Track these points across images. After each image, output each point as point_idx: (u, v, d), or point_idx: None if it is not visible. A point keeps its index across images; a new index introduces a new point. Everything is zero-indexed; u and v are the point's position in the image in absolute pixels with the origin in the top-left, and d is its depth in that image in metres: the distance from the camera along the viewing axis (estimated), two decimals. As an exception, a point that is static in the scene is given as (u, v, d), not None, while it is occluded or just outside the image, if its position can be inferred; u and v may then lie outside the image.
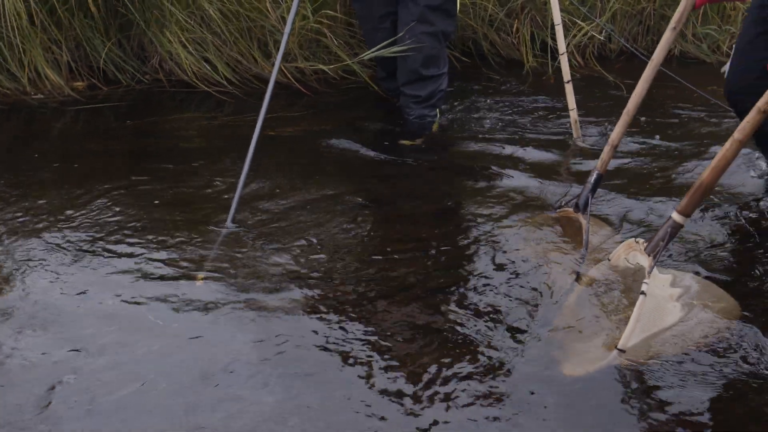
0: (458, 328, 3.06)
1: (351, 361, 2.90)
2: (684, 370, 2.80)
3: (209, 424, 2.55)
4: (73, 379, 2.80)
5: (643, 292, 2.90)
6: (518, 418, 2.61)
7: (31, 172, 4.37)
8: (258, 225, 3.78)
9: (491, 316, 3.13)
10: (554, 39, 4.74)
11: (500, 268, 3.44)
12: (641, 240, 3.21)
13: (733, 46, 3.83)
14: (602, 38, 5.66)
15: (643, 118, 4.67)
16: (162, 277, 3.34)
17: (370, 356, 2.91)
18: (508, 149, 4.53)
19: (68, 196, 4.06)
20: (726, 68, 3.78)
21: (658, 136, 4.60)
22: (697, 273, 3.34)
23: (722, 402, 2.69)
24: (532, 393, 2.71)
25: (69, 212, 3.91)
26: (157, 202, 4.01)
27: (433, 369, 2.84)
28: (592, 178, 3.67)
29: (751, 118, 2.81)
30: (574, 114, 4.59)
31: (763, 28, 3.50)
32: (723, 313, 3.07)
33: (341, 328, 3.06)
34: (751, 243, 3.63)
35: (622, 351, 2.80)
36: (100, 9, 5.28)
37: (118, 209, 3.94)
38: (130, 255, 3.51)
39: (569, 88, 4.59)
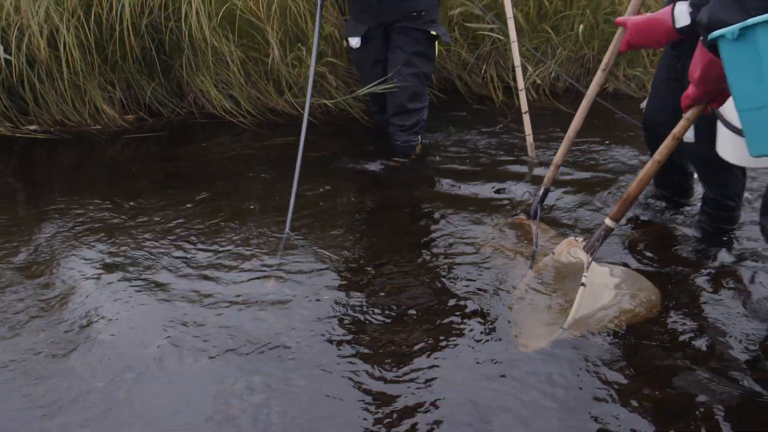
0: (435, 311, 3.09)
1: (352, 333, 2.94)
2: (615, 342, 2.84)
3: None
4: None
5: (583, 283, 2.91)
6: (485, 383, 2.64)
7: (96, 189, 4.39)
8: (305, 231, 3.81)
9: (461, 302, 3.14)
10: (515, 79, 4.74)
11: (468, 262, 3.45)
12: (580, 239, 3.22)
13: (651, 83, 3.84)
14: (552, 78, 5.67)
15: (582, 143, 4.69)
16: (241, 280, 3.34)
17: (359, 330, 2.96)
18: (476, 167, 4.53)
19: (135, 210, 4.08)
20: (644, 104, 3.80)
21: (593, 157, 4.60)
22: (626, 266, 3.36)
23: (642, 364, 2.72)
24: (496, 362, 2.74)
25: (141, 221, 3.95)
26: (222, 214, 4.01)
27: (418, 343, 2.87)
28: (541, 192, 3.68)
29: (668, 143, 2.84)
30: (530, 139, 4.60)
31: (673, 73, 3.51)
32: (646, 299, 3.09)
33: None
34: (670, 242, 3.63)
35: (567, 329, 2.84)
36: (145, 56, 5.32)
37: (182, 220, 3.96)
38: (208, 261, 3.50)
39: (526, 118, 4.61)
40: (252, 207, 4.10)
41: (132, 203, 4.14)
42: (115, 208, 4.09)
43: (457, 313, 3.07)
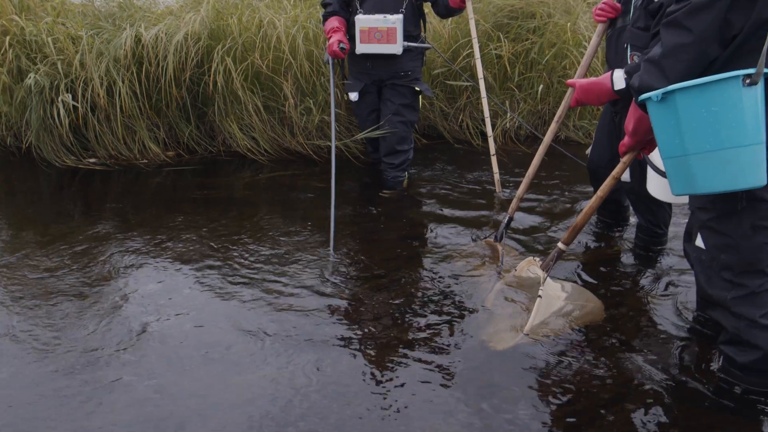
0: (419, 316, 3.09)
1: (349, 332, 2.96)
2: (566, 344, 2.84)
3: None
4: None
5: (539, 295, 2.92)
6: (459, 377, 2.65)
7: (142, 211, 4.39)
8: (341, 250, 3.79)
9: (438, 309, 3.14)
10: (485, 126, 4.76)
11: (446, 276, 3.45)
12: (537, 258, 3.24)
13: (595, 133, 3.85)
14: (516, 127, 5.67)
15: (539, 180, 4.68)
16: (299, 294, 3.31)
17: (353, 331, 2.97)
18: (452, 198, 4.52)
19: (174, 228, 4.09)
20: (589, 150, 3.81)
21: (549, 191, 4.60)
22: (575, 281, 3.37)
23: (587, 361, 2.72)
24: (469, 360, 2.75)
25: (181, 237, 3.95)
26: (244, 231, 4.00)
27: (399, 345, 2.88)
28: (505, 220, 3.71)
29: (608, 182, 2.84)
30: (497, 176, 4.59)
31: (612, 125, 3.52)
32: (591, 309, 3.09)
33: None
34: (611, 261, 3.62)
35: (526, 334, 2.84)
36: (185, 104, 5.33)
37: (213, 237, 3.95)
38: (263, 279, 3.46)
39: (494, 159, 4.60)
40: (269, 225, 4.10)
41: (171, 223, 4.15)
42: (157, 227, 4.10)
43: (436, 318, 3.07)
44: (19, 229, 4.15)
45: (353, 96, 4.54)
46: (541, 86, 5.55)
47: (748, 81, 2.06)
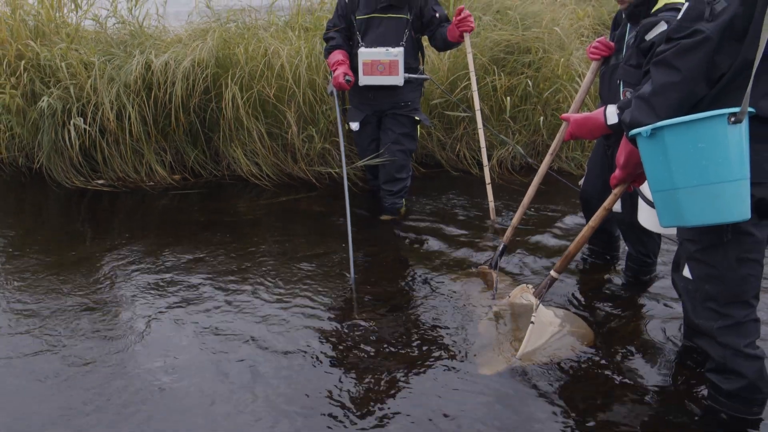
0: (412, 341, 3.10)
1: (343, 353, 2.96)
2: (557, 369, 2.85)
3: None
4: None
5: (532, 321, 2.94)
6: (453, 396, 2.67)
7: (148, 232, 4.42)
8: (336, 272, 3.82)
9: (434, 334, 3.16)
10: (482, 156, 4.76)
11: (442, 301, 3.46)
12: (530, 285, 3.25)
13: (587, 165, 3.86)
14: (511, 157, 5.66)
15: (534, 209, 4.70)
16: (327, 318, 3.32)
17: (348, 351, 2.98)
18: (448, 224, 4.52)
19: (178, 249, 4.11)
20: (581, 182, 3.83)
21: (543, 221, 4.60)
22: (567, 309, 3.37)
23: (577, 385, 2.74)
24: (464, 383, 2.77)
25: (183, 258, 3.96)
26: (245, 253, 4.02)
27: (402, 362, 2.90)
28: (500, 247, 3.73)
29: (600, 213, 2.86)
30: (491, 204, 4.58)
31: (605, 158, 3.55)
32: (582, 336, 3.11)
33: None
34: (602, 289, 3.64)
35: (519, 359, 2.86)
36: (191, 128, 5.37)
37: (214, 256, 3.97)
38: (288, 301, 3.48)
39: (489, 188, 4.61)
40: (270, 248, 4.12)
41: (176, 244, 4.17)
42: (162, 247, 4.12)
43: (433, 342, 3.08)
44: (27, 246, 4.17)
45: (354, 126, 4.57)
46: (542, 117, 5.57)
47: (733, 119, 2.10)
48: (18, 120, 5.27)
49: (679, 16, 2.24)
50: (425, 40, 4.66)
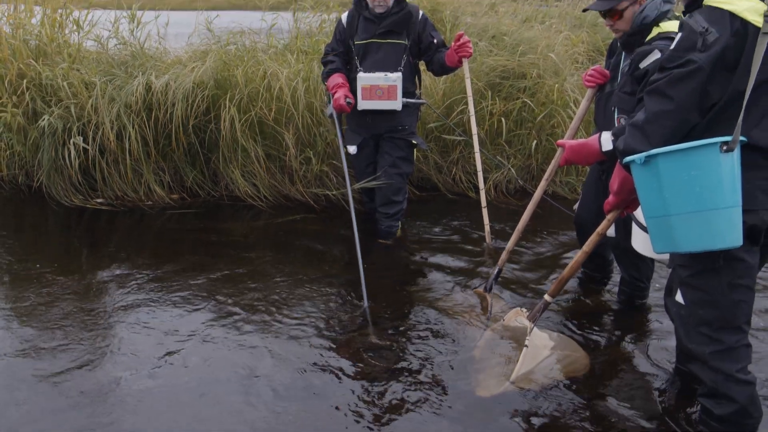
0: (408, 362, 3.10)
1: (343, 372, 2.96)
2: (551, 393, 2.86)
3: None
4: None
5: (526, 345, 2.94)
6: (447, 422, 2.67)
7: (145, 250, 4.41)
8: (304, 286, 3.82)
9: (430, 355, 3.16)
10: (477, 179, 4.77)
11: (434, 324, 3.47)
12: (525, 309, 3.26)
13: (581, 190, 3.91)
14: (507, 181, 5.68)
15: (528, 233, 4.68)
16: (320, 337, 3.33)
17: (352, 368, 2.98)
18: (444, 247, 4.54)
19: (174, 268, 4.11)
20: (576, 206, 3.85)
21: (537, 245, 4.63)
22: (561, 332, 3.38)
23: (571, 408, 2.74)
24: (459, 404, 2.77)
25: (178, 276, 3.95)
26: (241, 271, 4.03)
27: (393, 389, 2.90)
28: (495, 271, 3.74)
29: (593, 238, 2.86)
30: (487, 227, 4.60)
31: (599, 184, 3.56)
32: (576, 359, 3.11)
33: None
34: (596, 313, 3.64)
35: (512, 382, 2.86)
36: (190, 149, 5.38)
37: (209, 275, 3.97)
38: (283, 320, 3.48)
39: (485, 212, 4.62)
40: (265, 268, 4.13)
41: (172, 263, 4.18)
42: (158, 265, 4.13)
43: (429, 363, 3.09)
44: (26, 263, 4.17)
45: (352, 149, 4.58)
46: (534, 142, 5.60)
47: (725, 148, 2.13)
48: (19, 138, 5.29)
49: (673, 46, 2.28)
50: (422, 65, 4.69)
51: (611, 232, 3.47)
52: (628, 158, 2.30)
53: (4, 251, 4.39)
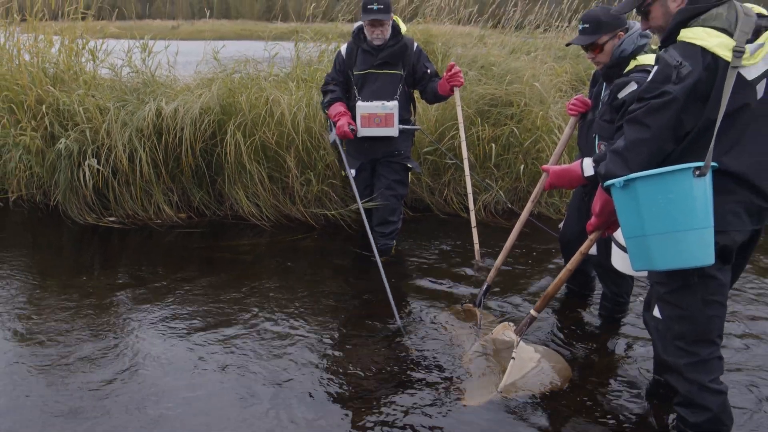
0: (402, 374, 3.11)
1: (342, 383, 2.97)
2: (536, 402, 2.86)
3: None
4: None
5: (513, 357, 2.95)
6: (434, 426, 2.67)
7: (154, 266, 4.41)
8: (308, 299, 3.83)
9: (422, 367, 3.16)
10: (468, 201, 4.74)
11: (425, 337, 3.47)
12: (512, 323, 3.27)
13: (566, 210, 3.93)
14: (495, 202, 5.68)
15: (515, 252, 4.71)
16: (321, 349, 3.33)
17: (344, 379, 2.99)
18: (436, 265, 4.55)
19: (182, 283, 4.10)
20: (561, 226, 3.88)
21: (524, 263, 4.64)
22: (546, 345, 3.39)
23: (554, 417, 2.75)
24: (450, 413, 2.78)
25: (186, 290, 3.95)
26: (244, 288, 4.02)
27: (387, 399, 2.90)
28: (484, 287, 3.75)
29: (577, 257, 2.89)
30: (476, 246, 4.59)
31: (582, 206, 3.59)
32: (560, 371, 3.12)
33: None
34: (579, 327, 3.66)
35: (500, 392, 2.87)
36: (197, 171, 5.40)
37: (213, 290, 3.96)
38: (288, 333, 3.48)
39: (474, 231, 4.62)
40: (267, 284, 4.13)
41: (179, 277, 4.19)
42: (167, 281, 4.14)
43: (421, 374, 3.09)
44: (44, 277, 4.19)
45: (351, 172, 4.60)
46: (522, 166, 5.64)
47: (698, 172, 2.17)
48: (37, 160, 5.31)
49: (649, 78, 2.33)
50: (416, 93, 4.74)
51: (593, 251, 3.49)
52: (608, 182, 2.33)
53: (23, 265, 4.40)
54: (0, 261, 4.45)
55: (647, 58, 3.14)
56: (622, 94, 3.09)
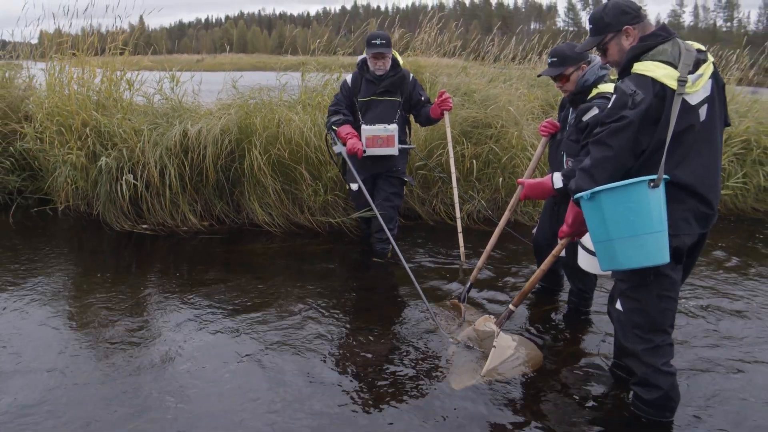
0: (395, 361, 3.10)
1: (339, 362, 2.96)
2: (513, 384, 2.87)
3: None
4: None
5: (494, 345, 2.96)
6: (426, 407, 2.68)
7: (180, 268, 4.39)
8: (317, 294, 3.83)
9: (412, 354, 3.16)
10: (454, 210, 4.81)
11: (419, 329, 3.46)
12: (492, 316, 3.28)
13: (539, 218, 3.92)
14: (477, 210, 5.67)
15: (495, 253, 4.74)
16: (328, 339, 3.32)
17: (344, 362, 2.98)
18: (426, 266, 4.54)
19: (205, 283, 4.08)
20: (534, 231, 3.88)
21: (503, 263, 4.64)
22: (522, 335, 3.39)
23: (529, 396, 2.76)
24: (438, 395, 2.78)
25: (209, 290, 3.93)
26: (259, 287, 3.98)
27: (381, 383, 2.89)
28: (468, 284, 3.75)
29: (549, 259, 2.90)
30: (462, 249, 4.61)
31: (554, 214, 3.61)
32: (534, 357, 3.13)
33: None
34: (549, 319, 3.66)
35: (483, 376, 2.88)
36: (218, 184, 5.40)
37: (233, 291, 3.94)
38: (301, 326, 3.45)
39: (460, 236, 4.65)
40: (280, 282, 4.12)
41: (203, 277, 4.18)
42: (191, 280, 4.13)
43: (409, 362, 3.09)
44: (85, 276, 4.20)
45: (353, 186, 4.61)
46: (500, 179, 5.65)
47: (652, 184, 2.20)
48: (81, 175, 5.31)
49: (609, 105, 2.36)
50: (411, 116, 4.76)
51: (562, 252, 3.51)
52: (577, 195, 2.36)
53: (69, 265, 4.41)
54: (50, 261, 4.44)
55: (607, 87, 3.17)
56: (586, 117, 3.11)
